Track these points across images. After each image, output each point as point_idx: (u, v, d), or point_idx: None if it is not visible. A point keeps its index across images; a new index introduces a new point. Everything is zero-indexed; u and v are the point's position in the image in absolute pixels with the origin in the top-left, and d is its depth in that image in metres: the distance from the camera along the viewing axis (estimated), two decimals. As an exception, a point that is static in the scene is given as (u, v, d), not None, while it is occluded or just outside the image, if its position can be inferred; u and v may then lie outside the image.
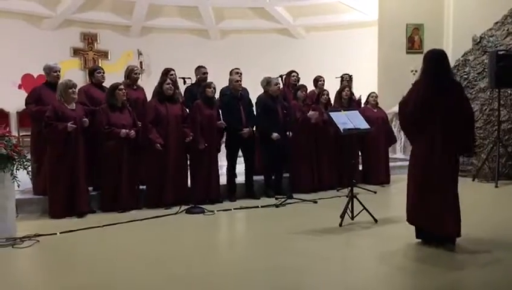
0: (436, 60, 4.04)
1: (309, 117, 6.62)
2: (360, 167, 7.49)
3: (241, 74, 6.64)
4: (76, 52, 11.23)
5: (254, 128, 6.43)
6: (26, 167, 4.46)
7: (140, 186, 5.87)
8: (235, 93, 6.34)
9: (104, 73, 6.21)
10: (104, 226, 4.92)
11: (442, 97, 3.92)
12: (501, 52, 7.10)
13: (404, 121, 4.24)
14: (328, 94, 7.17)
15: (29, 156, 4.75)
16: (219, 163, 6.24)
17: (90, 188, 5.70)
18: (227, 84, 6.54)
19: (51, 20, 10.79)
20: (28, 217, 5.28)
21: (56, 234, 4.60)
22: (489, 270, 3.55)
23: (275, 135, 6.31)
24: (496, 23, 7.85)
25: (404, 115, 4.17)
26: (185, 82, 6.50)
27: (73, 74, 9.65)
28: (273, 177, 6.56)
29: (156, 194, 5.79)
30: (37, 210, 5.50)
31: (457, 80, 4.47)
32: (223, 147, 6.42)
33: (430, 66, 4.04)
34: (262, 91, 6.68)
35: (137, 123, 5.78)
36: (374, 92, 7.80)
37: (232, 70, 6.75)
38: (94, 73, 6.19)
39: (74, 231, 4.71)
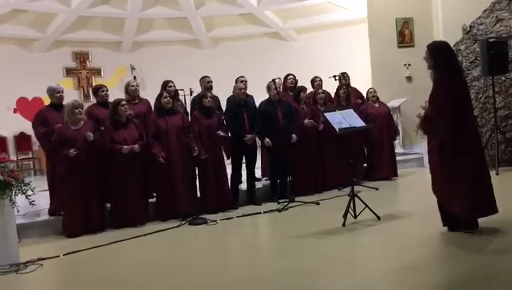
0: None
1: (306, 125, 6.62)
2: (365, 164, 7.49)
3: (246, 81, 6.70)
4: (69, 71, 11.27)
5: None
6: (24, 191, 4.43)
7: (150, 200, 5.93)
8: (239, 100, 6.38)
9: (107, 90, 6.22)
10: (108, 244, 4.89)
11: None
12: (491, 40, 7.10)
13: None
14: (323, 93, 7.17)
15: (27, 180, 4.72)
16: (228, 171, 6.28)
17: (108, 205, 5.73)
18: (232, 93, 6.63)
19: (41, 42, 10.83)
20: (31, 242, 5.24)
21: (59, 256, 4.58)
22: (497, 259, 3.53)
23: (266, 140, 6.33)
24: (485, 10, 7.85)
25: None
26: (191, 93, 6.52)
27: (68, 93, 9.55)
28: (278, 181, 6.55)
29: (166, 207, 5.80)
30: (40, 233, 5.46)
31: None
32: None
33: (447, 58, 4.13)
34: (260, 96, 6.77)
35: (144, 136, 5.79)
36: (372, 88, 7.80)
37: (237, 78, 6.85)
38: (98, 92, 6.22)
39: (77, 251, 4.69)
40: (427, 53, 4.23)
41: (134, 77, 11.42)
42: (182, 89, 6.30)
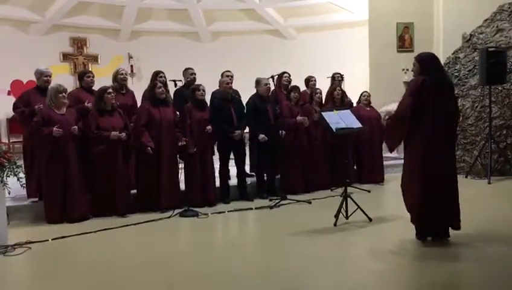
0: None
1: (299, 122, 6.60)
2: (355, 167, 7.50)
3: (232, 76, 6.62)
4: (66, 57, 11.14)
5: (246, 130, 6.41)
6: (16, 173, 4.39)
7: (132, 191, 5.83)
8: (225, 95, 6.31)
9: (93, 77, 6.16)
10: (97, 231, 4.86)
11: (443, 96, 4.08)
12: (491, 49, 7.13)
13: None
14: (321, 93, 7.18)
15: (20, 162, 4.68)
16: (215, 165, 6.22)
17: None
18: (218, 87, 6.51)
19: (39, 25, 10.70)
20: (20, 224, 5.20)
21: (48, 240, 4.54)
22: (484, 265, 3.56)
23: (261, 136, 6.27)
24: (486, 20, 7.90)
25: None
26: (175, 85, 6.45)
27: (64, 78, 9.54)
28: (265, 178, 6.53)
29: (149, 198, 5.73)
30: (29, 217, 5.42)
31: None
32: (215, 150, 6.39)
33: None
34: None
35: (129, 126, 5.73)
36: (366, 92, 7.81)
37: (223, 72, 6.74)
38: (83, 77, 6.15)
39: (66, 237, 4.65)
40: (415, 63, 4.23)
41: (132, 66, 11.37)
42: (180, 80, 6.26)
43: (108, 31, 11.56)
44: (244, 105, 6.53)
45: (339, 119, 5.06)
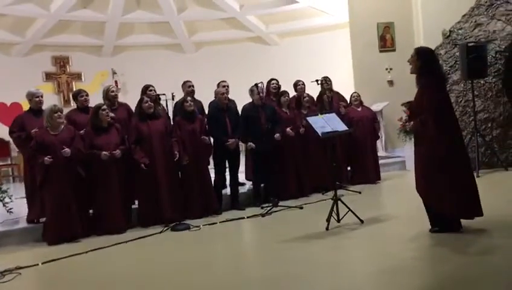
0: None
1: (288, 134, 6.60)
2: (348, 168, 7.52)
3: (227, 86, 6.70)
4: (49, 76, 11.11)
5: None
6: (1, 199, 4.33)
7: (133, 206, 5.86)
8: (221, 105, 6.35)
9: (87, 96, 6.14)
10: (87, 252, 4.80)
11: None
12: (471, 44, 7.20)
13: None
14: (308, 96, 7.19)
15: (5, 187, 4.62)
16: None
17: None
18: (214, 97, 6.58)
19: (20, 46, 10.66)
20: (8, 250, 5.12)
21: (38, 264, 4.47)
22: (481, 260, 3.56)
23: (249, 144, 6.32)
24: (464, 15, 7.98)
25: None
26: (159, 99, 6.44)
27: (48, 98, 9.41)
28: (262, 185, 6.53)
29: (149, 213, 5.73)
30: (18, 242, 5.33)
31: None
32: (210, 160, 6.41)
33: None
34: (243, 100, 6.76)
35: (126, 141, 5.71)
36: (355, 92, 7.87)
37: (219, 83, 6.85)
38: (77, 97, 6.14)
39: (56, 260, 4.59)
40: (414, 56, 4.24)
41: (116, 82, 11.32)
42: (164, 94, 6.24)
43: (90, 47, 11.55)
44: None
45: (325, 123, 5.07)
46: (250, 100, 6.65)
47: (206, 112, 6.80)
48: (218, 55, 11.92)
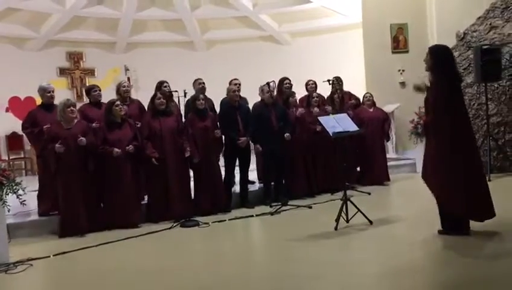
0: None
1: (298, 115, 6.64)
2: (358, 168, 7.50)
3: (239, 84, 6.72)
4: (62, 71, 11.20)
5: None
6: (15, 191, 4.39)
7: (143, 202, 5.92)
8: (232, 103, 6.37)
9: (100, 90, 6.21)
10: (98, 245, 4.86)
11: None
12: (485, 47, 7.15)
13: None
14: (317, 96, 7.18)
15: (19, 179, 4.67)
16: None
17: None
18: (226, 95, 6.60)
19: (35, 41, 10.75)
20: (21, 241, 5.19)
21: (49, 256, 4.54)
22: (491, 264, 3.55)
23: (256, 146, 6.38)
24: (479, 18, 7.91)
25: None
26: (172, 96, 6.49)
27: (61, 93, 9.56)
28: (272, 184, 6.54)
29: (159, 209, 5.77)
30: (30, 234, 5.40)
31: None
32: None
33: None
34: (254, 99, 6.80)
35: (139, 136, 5.75)
36: (368, 93, 7.85)
37: (231, 80, 6.86)
38: (90, 92, 6.21)
39: (67, 252, 4.65)
40: (427, 54, 4.30)
41: (128, 78, 11.39)
42: (176, 91, 6.29)
43: (104, 44, 11.62)
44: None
45: (336, 123, 5.08)
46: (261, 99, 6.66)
47: (217, 110, 6.82)
48: (230, 53, 11.92)
